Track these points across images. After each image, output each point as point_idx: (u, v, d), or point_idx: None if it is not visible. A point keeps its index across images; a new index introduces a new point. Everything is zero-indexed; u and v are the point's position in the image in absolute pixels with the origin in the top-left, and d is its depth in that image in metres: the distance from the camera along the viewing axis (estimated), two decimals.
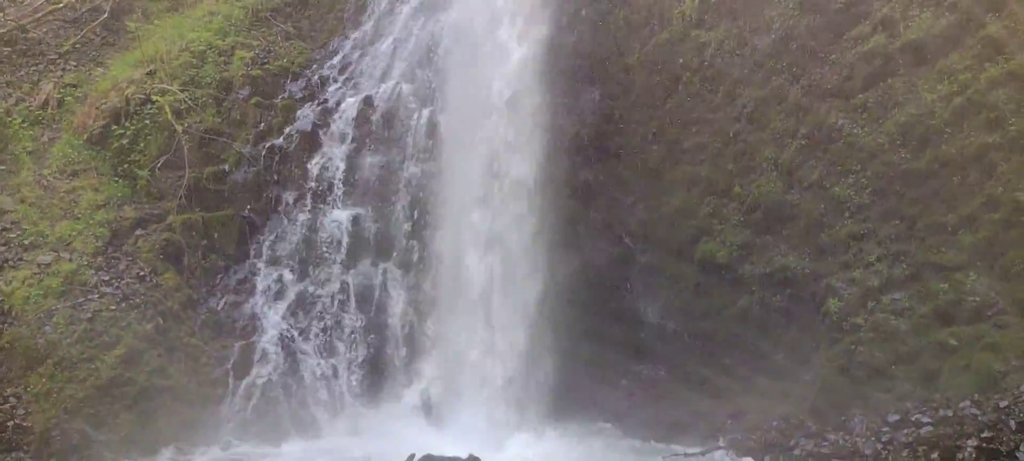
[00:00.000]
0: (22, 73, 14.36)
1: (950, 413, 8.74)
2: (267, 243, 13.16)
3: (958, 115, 10.18)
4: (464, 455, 10.13)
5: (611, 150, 13.47)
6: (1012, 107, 9.72)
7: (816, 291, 10.69)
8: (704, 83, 12.74)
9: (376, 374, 12.60)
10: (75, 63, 14.75)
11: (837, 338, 10.22)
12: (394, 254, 13.29)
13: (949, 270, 9.67)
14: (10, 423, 9.94)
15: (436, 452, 10.11)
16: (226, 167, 13.50)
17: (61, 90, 14.20)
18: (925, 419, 8.88)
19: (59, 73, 14.52)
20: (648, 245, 12.83)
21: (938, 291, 9.65)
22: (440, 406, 12.38)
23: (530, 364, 12.32)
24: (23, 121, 13.57)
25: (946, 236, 9.87)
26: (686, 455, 10.71)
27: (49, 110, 13.92)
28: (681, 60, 12.92)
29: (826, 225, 10.89)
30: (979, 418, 8.49)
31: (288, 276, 12.98)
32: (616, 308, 12.91)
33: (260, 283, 12.83)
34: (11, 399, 10.17)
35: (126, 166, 13.24)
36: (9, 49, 14.56)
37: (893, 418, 9.22)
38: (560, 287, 12.56)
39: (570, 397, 12.41)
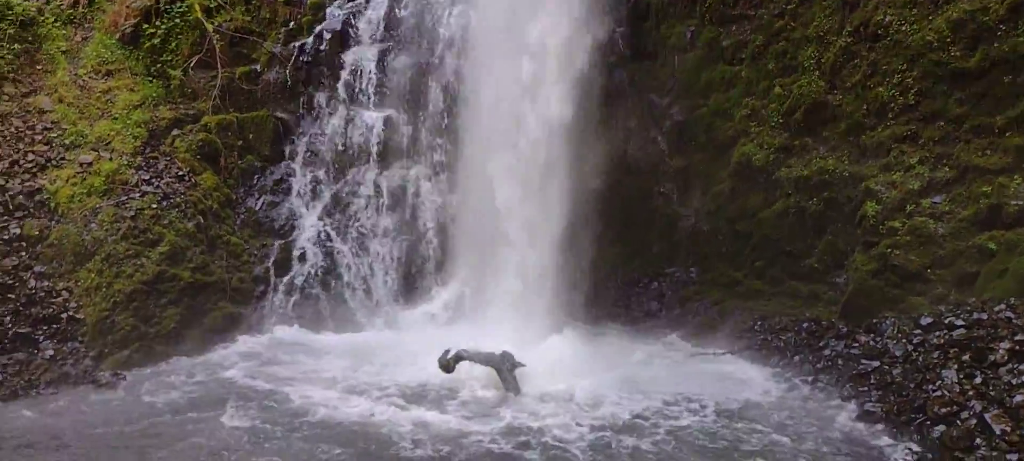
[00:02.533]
0: None
1: (985, 316, 8.73)
2: (301, 144, 13.24)
3: (1013, 11, 9.71)
4: (497, 352, 10.40)
5: (647, 50, 13.19)
6: None
7: (854, 194, 10.56)
8: None
9: (410, 273, 12.85)
10: None
11: (873, 242, 10.14)
12: (426, 156, 13.31)
13: (993, 173, 9.45)
14: (64, 315, 10.36)
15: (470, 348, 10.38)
16: (258, 67, 13.47)
17: None
18: (958, 322, 8.89)
19: None
20: (683, 147, 12.70)
21: (980, 195, 9.47)
22: (473, 306, 12.59)
23: (562, 265, 12.40)
24: (55, 20, 13.52)
25: (992, 138, 9.61)
26: (715, 354, 10.90)
27: (80, 9, 13.86)
28: None
29: (867, 127, 10.64)
30: (1014, 321, 8.48)
31: (323, 177, 13.11)
32: (650, 210, 12.91)
33: (296, 184, 12.98)
34: (63, 293, 10.56)
35: (159, 66, 13.25)
36: None
37: (926, 321, 9.24)
38: (593, 189, 12.53)
39: (602, 298, 12.57)
